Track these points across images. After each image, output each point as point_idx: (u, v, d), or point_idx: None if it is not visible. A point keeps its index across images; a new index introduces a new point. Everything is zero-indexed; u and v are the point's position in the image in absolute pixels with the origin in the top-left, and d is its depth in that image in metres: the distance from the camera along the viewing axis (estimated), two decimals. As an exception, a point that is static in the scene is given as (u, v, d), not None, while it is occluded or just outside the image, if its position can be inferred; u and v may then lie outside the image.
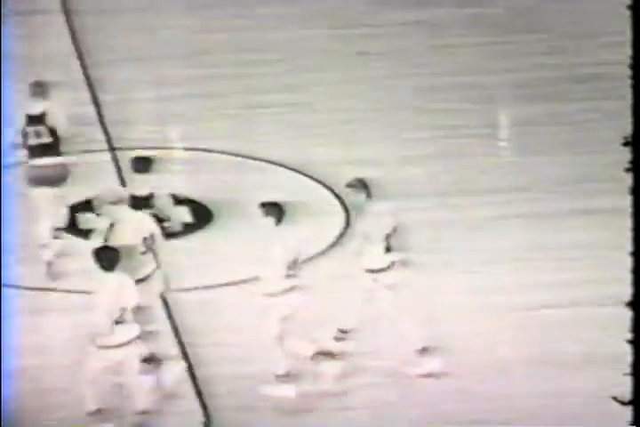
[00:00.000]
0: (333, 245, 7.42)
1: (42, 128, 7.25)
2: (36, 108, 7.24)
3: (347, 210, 7.71)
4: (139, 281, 6.04)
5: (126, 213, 6.35)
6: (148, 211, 6.51)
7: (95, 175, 7.78)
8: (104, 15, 10.19)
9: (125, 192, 6.62)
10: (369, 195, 6.36)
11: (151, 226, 6.32)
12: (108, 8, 10.27)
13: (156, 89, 9.09)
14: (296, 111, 8.91)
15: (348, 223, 7.58)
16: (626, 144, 4.01)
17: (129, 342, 5.71)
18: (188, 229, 7.49)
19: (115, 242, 6.08)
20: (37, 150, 7.24)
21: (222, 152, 8.36)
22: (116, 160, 8.22)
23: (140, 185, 6.62)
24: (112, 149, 8.39)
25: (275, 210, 6.11)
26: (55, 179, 7.25)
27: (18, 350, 6.28)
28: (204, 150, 8.38)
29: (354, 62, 9.64)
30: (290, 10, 10.32)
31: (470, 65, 9.58)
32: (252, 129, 8.68)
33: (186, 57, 9.63)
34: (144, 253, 6.29)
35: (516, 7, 10.34)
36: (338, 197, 7.89)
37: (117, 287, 5.70)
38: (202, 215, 7.72)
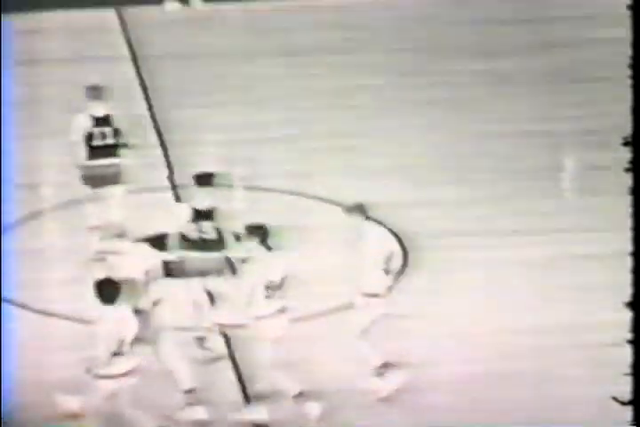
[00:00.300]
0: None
1: (107, 129, 7.68)
2: (99, 110, 7.66)
3: (404, 249, 7.72)
4: (138, 312, 6.00)
5: (130, 246, 6.41)
6: (210, 223, 6.74)
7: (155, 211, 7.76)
8: (173, 60, 10.41)
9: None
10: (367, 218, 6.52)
11: (152, 258, 6.41)
12: (176, 53, 10.50)
13: (219, 132, 9.14)
14: (357, 155, 8.96)
15: (405, 263, 7.63)
16: (626, 144, 3.93)
17: (125, 374, 5.68)
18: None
19: (118, 274, 6.13)
20: (100, 151, 7.66)
21: (283, 191, 8.36)
22: (177, 196, 8.22)
23: (202, 199, 6.81)
24: (174, 186, 8.42)
25: (259, 232, 6.17)
26: (111, 178, 7.69)
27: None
28: (265, 189, 8.37)
29: (419, 109, 9.67)
30: (355, 58, 10.47)
31: (535, 112, 9.63)
32: (313, 171, 8.72)
33: (250, 102, 9.75)
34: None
35: (582, 58, 10.44)
36: (395, 235, 7.89)
37: (117, 319, 5.68)
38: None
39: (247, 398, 6.21)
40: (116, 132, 7.71)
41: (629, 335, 3.91)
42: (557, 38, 10.85)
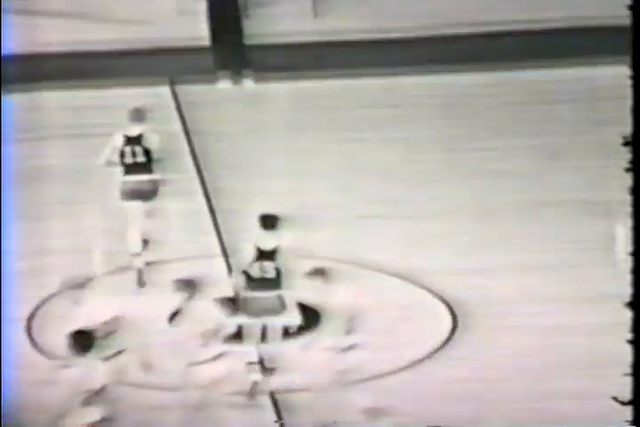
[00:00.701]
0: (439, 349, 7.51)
1: (138, 148, 8.31)
2: (134, 130, 8.31)
3: (454, 316, 7.77)
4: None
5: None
6: (272, 264, 7.22)
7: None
8: (220, 136, 10.64)
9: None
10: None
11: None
12: (222, 130, 10.75)
13: (264, 201, 9.14)
14: (404, 223, 9.03)
15: (454, 330, 7.65)
16: (626, 144, 3.92)
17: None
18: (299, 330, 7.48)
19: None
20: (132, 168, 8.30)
21: (331, 259, 8.35)
22: (229, 266, 8.24)
23: (267, 240, 7.25)
24: (226, 255, 8.57)
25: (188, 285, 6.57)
26: (147, 193, 8.26)
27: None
28: (311, 257, 8.34)
29: (465, 180, 9.74)
30: (400, 133, 10.62)
31: (583, 182, 9.65)
32: (358, 238, 8.80)
33: (299, 173, 9.89)
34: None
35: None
36: (446, 303, 7.94)
37: (86, 370, 5.79)
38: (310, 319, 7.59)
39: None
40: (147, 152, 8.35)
41: (629, 335, 3.87)
42: (606, 116, 10.87)
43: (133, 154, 8.26)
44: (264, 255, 7.23)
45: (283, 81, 11.57)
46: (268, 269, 7.29)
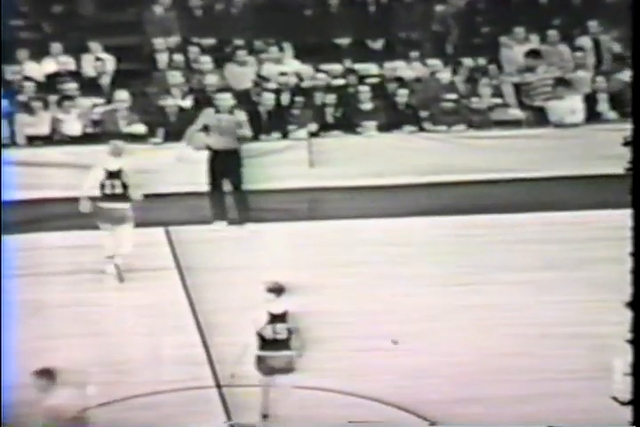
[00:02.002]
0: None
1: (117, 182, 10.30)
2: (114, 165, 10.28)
3: None
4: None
5: None
6: (284, 325, 8.01)
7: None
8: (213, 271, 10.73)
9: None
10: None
11: None
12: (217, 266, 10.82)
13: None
14: (403, 355, 9.05)
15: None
16: (626, 144, 3.93)
17: None
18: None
19: None
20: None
21: (332, 390, 8.46)
22: (222, 395, 8.36)
23: (276, 305, 8.07)
24: (218, 386, 8.61)
25: None
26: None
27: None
28: (314, 388, 8.45)
29: (462, 313, 9.79)
30: (400, 269, 10.76)
31: (579, 317, 9.64)
32: (357, 371, 8.79)
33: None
34: None
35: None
36: None
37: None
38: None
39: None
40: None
41: (629, 335, 3.81)
42: (602, 255, 10.92)
43: (112, 186, 10.41)
44: (276, 319, 7.96)
45: (275, 222, 11.78)
46: (280, 330, 8.00)
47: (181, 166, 12.55)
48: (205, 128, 12.02)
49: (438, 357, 8.99)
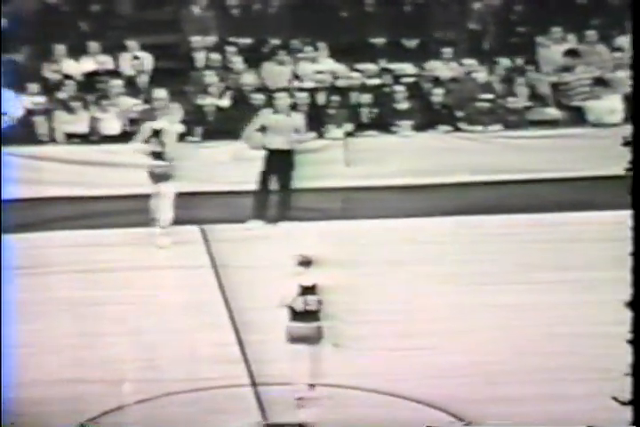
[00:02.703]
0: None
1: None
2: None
3: None
4: None
5: None
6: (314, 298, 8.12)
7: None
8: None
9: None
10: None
11: None
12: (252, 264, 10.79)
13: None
14: (431, 354, 8.97)
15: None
16: (626, 144, 3.89)
17: None
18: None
19: None
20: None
21: (363, 389, 8.38)
22: (257, 394, 8.32)
23: (306, 278, 8.24)
24: (254, 384, 8.55)
25: None
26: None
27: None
28: (339, 386, 8.40)
29: (493, 312, 9.71)
30: (429, 268, 10.67)
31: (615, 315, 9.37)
32: (397, 370, 8.72)
33: None
34: None
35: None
36: None
37: None
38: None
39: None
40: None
41: (629, 335, 3.77)
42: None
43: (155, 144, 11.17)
44: (306, 291, 8.11)
45: (313, 221, 11.77)
46: (311, 302, 8.16)
47: (217, 166, 12.58)
48: (262, 128, 12.02)
49: (470, 356, 8.91)
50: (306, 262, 8.26)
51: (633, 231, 3.81)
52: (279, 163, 11.94)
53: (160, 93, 12.64)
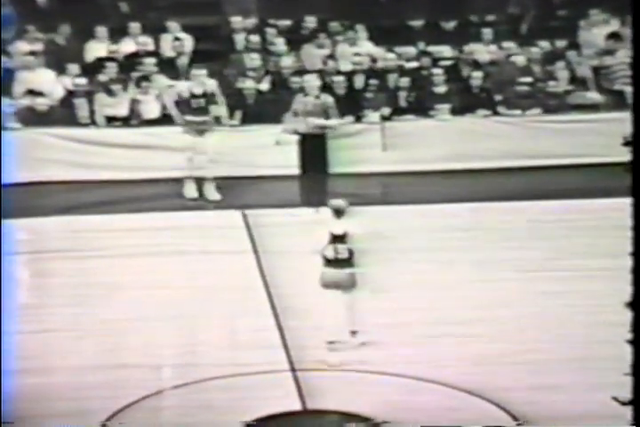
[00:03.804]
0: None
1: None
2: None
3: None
4: None
5: None
6: (345, 246, 8.35)
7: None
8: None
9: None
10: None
11: None
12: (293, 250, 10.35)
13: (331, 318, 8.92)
14: (476, 341, 8.74)
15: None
16: (626, 144, 3.73)
17: None
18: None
19: None
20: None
21: (399, 375, 8.20)
22: (295, 379, 8.15)
23: (338, 226, 8.39)
24: (293, 370, 8.37)
25: None
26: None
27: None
28: (385, 373, 8.23)
29: (535, 300, 9.46)
30: (469, 255, 10.43)
31: None
32: (434, 356, 8.53)
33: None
34: None
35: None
36: (514, 417, 7.56)
37: None
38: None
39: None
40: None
41: (629, 335, 3.61)
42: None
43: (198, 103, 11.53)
44: (336, 239, 8.26)
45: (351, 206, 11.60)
46: (342, 250, 8.30)
47: (257, 150, 12.40)
48: (296, 112, 11.85)
49: (512, 344, 8.70)
50: (339, 211, 8.33)
51: (633, 231, 3.64)
52: (311, 147, 11.74)
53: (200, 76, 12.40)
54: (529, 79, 13.31)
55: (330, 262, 8.37)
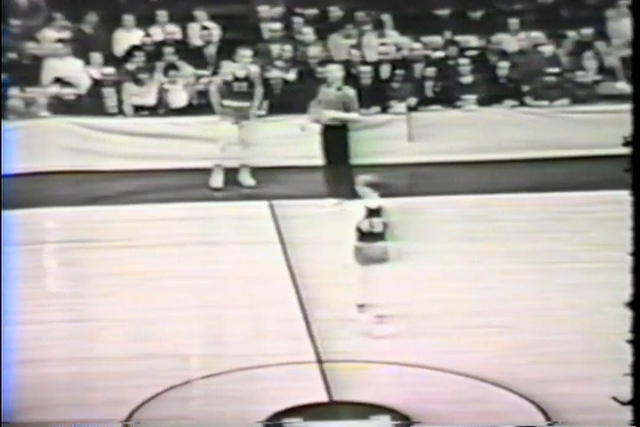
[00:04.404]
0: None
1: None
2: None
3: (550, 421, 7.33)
4: None
5: None
6: (379, 220, 8.45)
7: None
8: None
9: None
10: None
11: None
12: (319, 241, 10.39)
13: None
14: (502, 333, 8.69)
15: None
16: (626, 144, 3.68)
17: None
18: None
19: None
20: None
21: (423, 366, 8.15)
22: (322, 370, 8.14)
23: (372, 201, 8.52)
24: (319, 361, 8.33)
25: None
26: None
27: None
28: (412, 365, 8.18)
29: (562, 292, 9.39)
30: (497, 246, 10.39)
31: None
32: (460, 347, 8.47)
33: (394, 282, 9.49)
34: None
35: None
36: (541, 409, 7.49)
37: None
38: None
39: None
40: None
41: (629, 335, 3.58)
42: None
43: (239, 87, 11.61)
44: (372, 213, 8.40)
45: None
46: (376, 224, 8.41)
47: (284, 140, 12.35)
48: (319, 102, 11.79)
49: (541, 335, 8.66)
50: (374, 185, 8.45)
51: (633, 231, 3.58)
52: (332, 138, 11.66)
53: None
54: (557, 69, 13.18)
55: (364, 236, 8.43)
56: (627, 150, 3.81)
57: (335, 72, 11.81)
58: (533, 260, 10.10)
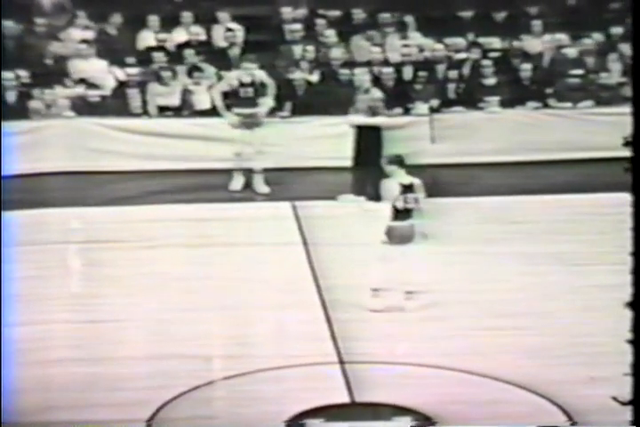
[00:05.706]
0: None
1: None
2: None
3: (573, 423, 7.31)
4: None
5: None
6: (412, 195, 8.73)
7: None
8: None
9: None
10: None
11: None
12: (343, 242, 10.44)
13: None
14: (528, 334, 8.66)
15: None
16: (626, 144, 3.63)
17: None
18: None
19: None
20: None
21: (443, 368, 8.12)
22: (344, 371, 8.11)
23: (404, 177, 8.79)
24: (341, 362, 8.32)
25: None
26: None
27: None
28: (433, 366, 8.15)
29: (582, 294, 9.37)
30: (515, 248, 10.32)
31: None
32: (482, 348, 8.45)
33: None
34: None
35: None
36: (564, 411, 7.46)
37: None
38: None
39: None
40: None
41: (629, 335, 3.52)
42: None
43: (246, 92, 11.34)
44: (405, 189, 8.62)
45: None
46: (410, 200, 8.61)
47: (307, 141, 12.34)
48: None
49: (563, 337, 8.63)
50: (399, 161, 8.63)
51: (633, 231, 3.52)
52: (365, 139, 11.64)
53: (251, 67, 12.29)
54: (580, 71, 13.10)
55: (398, 214, 8.59)
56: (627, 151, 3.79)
57: (362, 75, 11.81)
58: (556, 261, 10.05)
